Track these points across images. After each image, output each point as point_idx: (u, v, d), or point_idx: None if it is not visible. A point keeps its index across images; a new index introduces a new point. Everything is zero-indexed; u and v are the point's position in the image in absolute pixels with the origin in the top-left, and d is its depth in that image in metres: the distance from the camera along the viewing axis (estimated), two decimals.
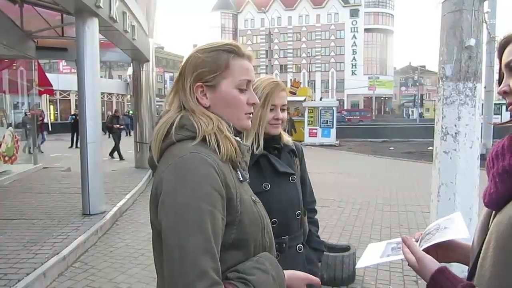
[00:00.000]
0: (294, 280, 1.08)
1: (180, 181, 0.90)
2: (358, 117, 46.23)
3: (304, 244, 1.64)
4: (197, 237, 0.85)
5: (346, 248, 3.83)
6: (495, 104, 17.81)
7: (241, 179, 1.03)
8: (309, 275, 1.11)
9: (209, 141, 0.98)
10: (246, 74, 1.06)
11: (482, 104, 3.98)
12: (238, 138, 1.05)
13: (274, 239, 1.07)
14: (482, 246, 0.88)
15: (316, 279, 1.12)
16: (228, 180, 0.95)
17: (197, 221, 0.87)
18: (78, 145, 10.22)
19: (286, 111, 1.63)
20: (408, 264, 1.02)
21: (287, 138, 1.68)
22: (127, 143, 13.17)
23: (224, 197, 0.93)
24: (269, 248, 1.06)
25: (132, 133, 16.66)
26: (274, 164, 1.56)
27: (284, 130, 1.69)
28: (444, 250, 1.07)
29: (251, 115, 1.10)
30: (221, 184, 0.93)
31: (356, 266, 1.10)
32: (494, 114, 16.30)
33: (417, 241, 1.13)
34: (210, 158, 0.94)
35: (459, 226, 1.05)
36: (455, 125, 3.53)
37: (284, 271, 1.04)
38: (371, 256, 1.14)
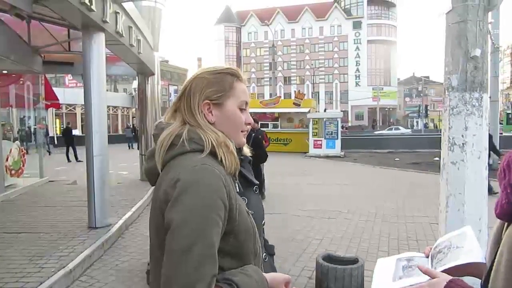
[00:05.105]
0: (275, 282, 1.12)
1: (192, 190, 0.97)
2: None
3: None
4: (203, 243, 0.93)
5: (354, 261, 3.79)
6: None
7: (237, 190, 1.11)
8: (285, 275, 1.15)
9: (218, 155, 1.06)
10: (245, 96, 1.19)
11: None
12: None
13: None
14: (495, 258, 0.87)
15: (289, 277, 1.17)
16: (231, 191, 1.03)
17: (205, 229, 0.94)
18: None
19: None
20: None
21: (245, 149, 1.63)
22: (130, 156, 13.16)
23: (227, 207, 1.00)
24: (258, 255, 1.14)
25: (134, 146, 16.33)
26: (247, 176, 1.44)
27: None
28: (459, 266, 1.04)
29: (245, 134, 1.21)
30: (226, 195, 1.00)
31: None
32: (500, 124, 16.23)
33: (427, 257, 1.12)
34: (219, 170, 1.02)
35: (472, 246, 1.03)
36: (462, 136, 3.50)
37: (265, 274, 1.10)
38: (382, 280, 1.13)
